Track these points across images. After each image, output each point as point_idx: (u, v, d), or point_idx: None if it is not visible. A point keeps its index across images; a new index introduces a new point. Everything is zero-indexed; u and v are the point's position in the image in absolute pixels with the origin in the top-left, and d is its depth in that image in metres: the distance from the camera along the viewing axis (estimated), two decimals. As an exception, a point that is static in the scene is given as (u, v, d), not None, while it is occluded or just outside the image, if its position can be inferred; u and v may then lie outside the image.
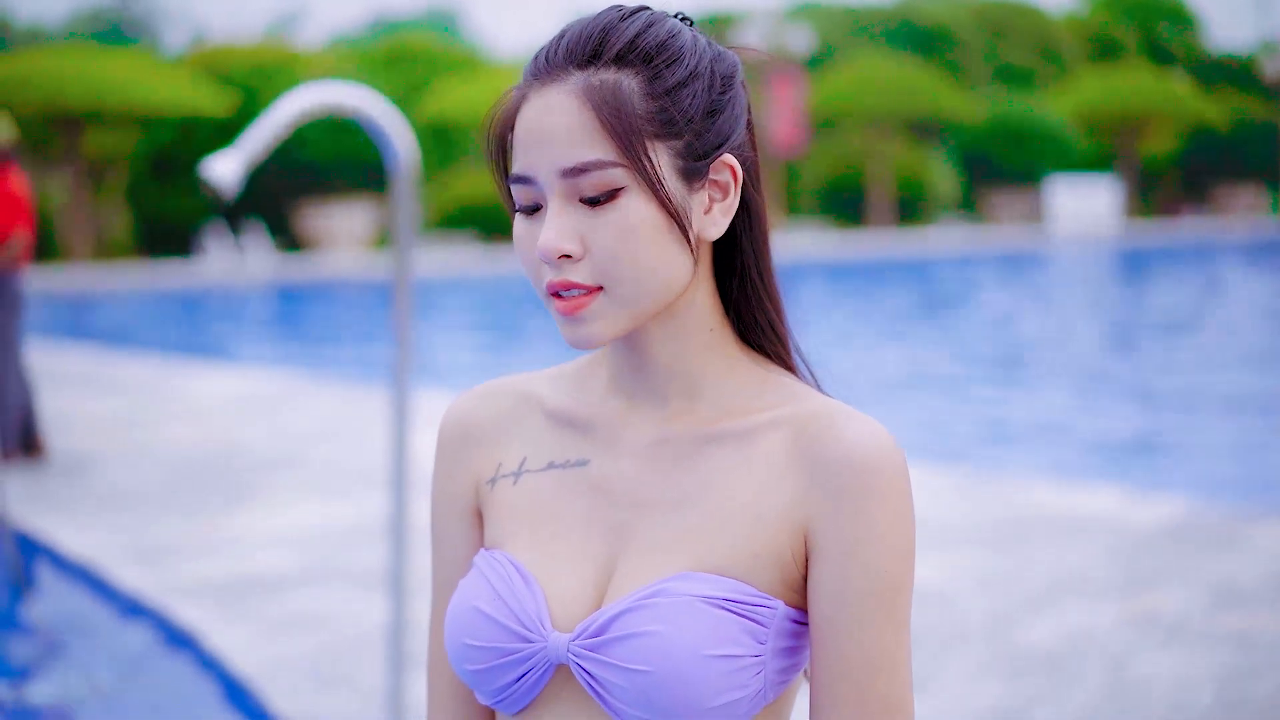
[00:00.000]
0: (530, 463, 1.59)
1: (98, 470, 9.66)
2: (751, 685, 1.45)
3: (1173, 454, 10.89)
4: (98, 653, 6.45)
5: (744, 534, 1.48)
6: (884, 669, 1.46)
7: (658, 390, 1.54)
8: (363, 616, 6.32)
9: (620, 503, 1.53)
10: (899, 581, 1.47)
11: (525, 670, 1.50)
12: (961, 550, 7.37)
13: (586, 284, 1.46)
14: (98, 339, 17.61)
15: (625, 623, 1.45)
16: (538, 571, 1.53)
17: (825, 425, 1.48)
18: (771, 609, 1.46)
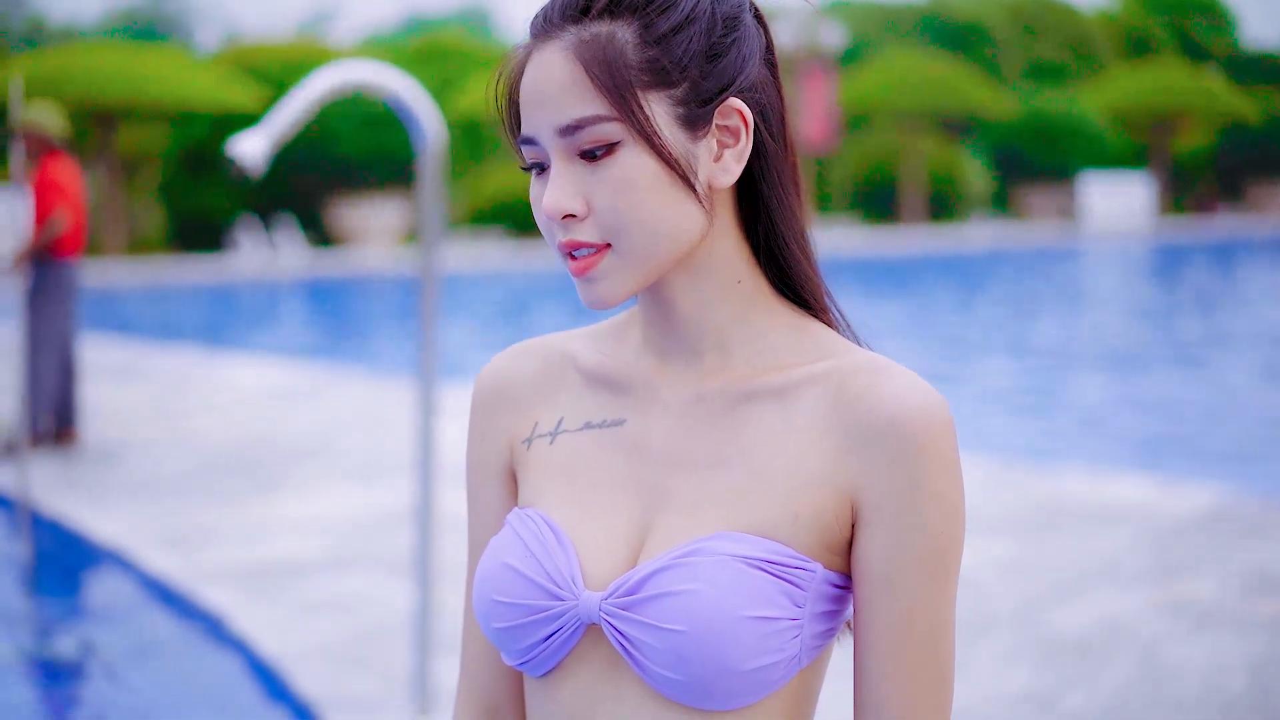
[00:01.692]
0: (567, 423, 1.56)
1: (128, 458, 9.69)
2: (788, 649, 1.42)
3: (1206, 445, 10.83)
4: (122, 635, 6.47)
5: (783, 495, 1.44)
6: (937, 635, 1.44)
7: (690, 346, 1.51)
8: (389, 602, 6.31)
9: (656, 462, 1.50)
10: (953, 542, 1.43)
11: (555, 629, 1.47)
12: (992, 538, 7.33)
13: (594, 242, 1.43)
14: (130, 332, 17.68)
15: (660, 581, 1.42)
16: (571, 530, 1.50)
17: (867, 383, 1.44)
18: (810, 572, 1.43)
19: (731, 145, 1.47)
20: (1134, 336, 18.21)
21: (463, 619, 1.65)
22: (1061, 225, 40.04)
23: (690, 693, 1.42)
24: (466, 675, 1.65)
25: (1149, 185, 41.10)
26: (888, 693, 1.44)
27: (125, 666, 6.04)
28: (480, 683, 1.64)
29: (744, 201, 1.51)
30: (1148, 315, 20.93)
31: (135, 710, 5.51)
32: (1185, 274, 28.33)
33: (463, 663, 1.65)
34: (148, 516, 7.94)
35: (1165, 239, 37.58)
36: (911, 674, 1.43)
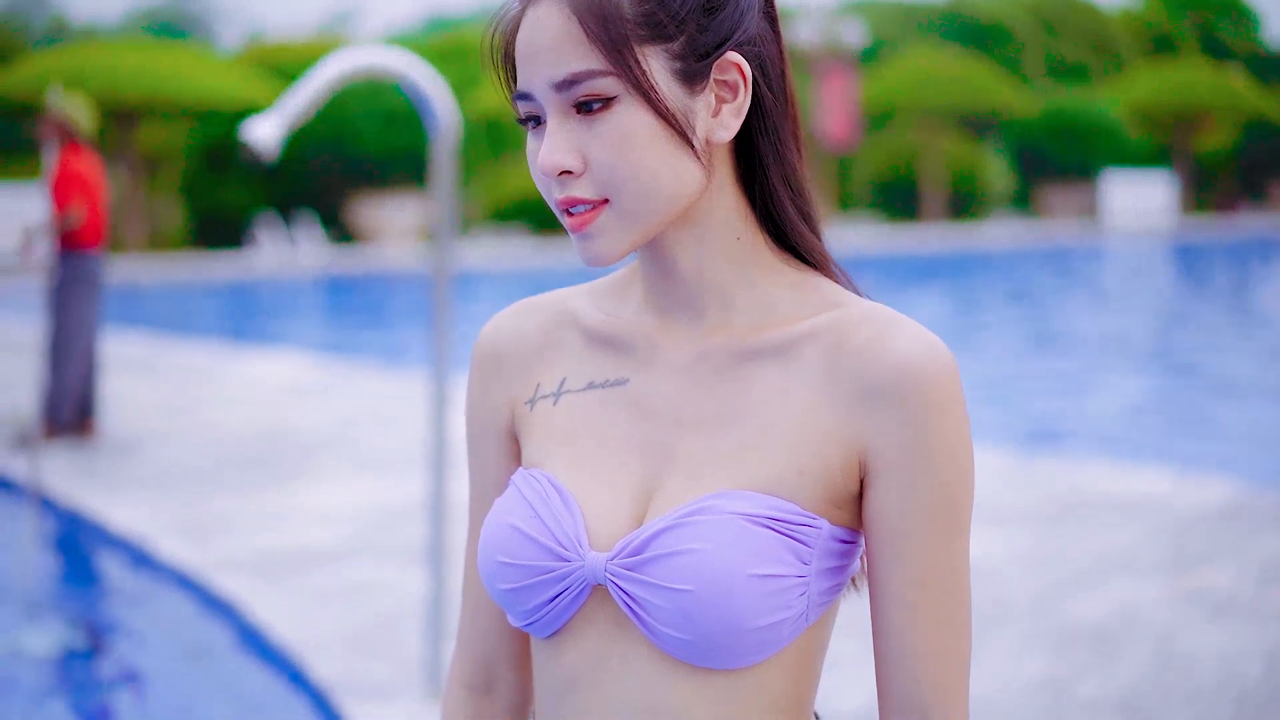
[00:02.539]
0: (570, 383, 1.54)
1: (146, 450, 9.71)
2: (795, 606, 1.41)
3: (1224, 440, 10.79)
4: (136, 622, 6.49)
5: (788, 451, 1.43)
6: (954, 585, 1.43)
7: (691, 303, 1.49)
8: (402, 590, 6.32)
9: (660, 422, 1.48)
10: (965, 492, 1.42)
11: (560, 590, 1.46)
12: (1009, 529, 7.31)
13: (591, 198, 1.42)
14: (150, 327, 17.73)
15: (666, 541, 1.41)
16: (576, 491, 1.48)
17: (871, 335, 1.43)
18: (816, 528, 1.41)
19: (730, 100, 1.45)
20: (1153, 333, 18.16)
21: (462, 580, 1.65)
22: (1083, 224, 39.93)
23: (697, 651, 1.41)
24: (463, 634, 1.65)
25: (1171, 184, 40.95)
26: (911, 643, 1.43)
27: (139, 653, 6.06)
28: (476, 642, 1.64)
29: (742, 157, 1.49)
30: (1167, 312, 20.86)
31: (148, 695, 5.52)
32: (1206, 272, 28.24)
33: (460, 622, 1.65)
34: (164, 506, 7.96)
35: (1187, 238, 37.45)
36: (933, 624, 1.42)
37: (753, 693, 1.44)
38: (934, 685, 1.42)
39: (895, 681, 1.44)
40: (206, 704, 5.35)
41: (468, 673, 1.65)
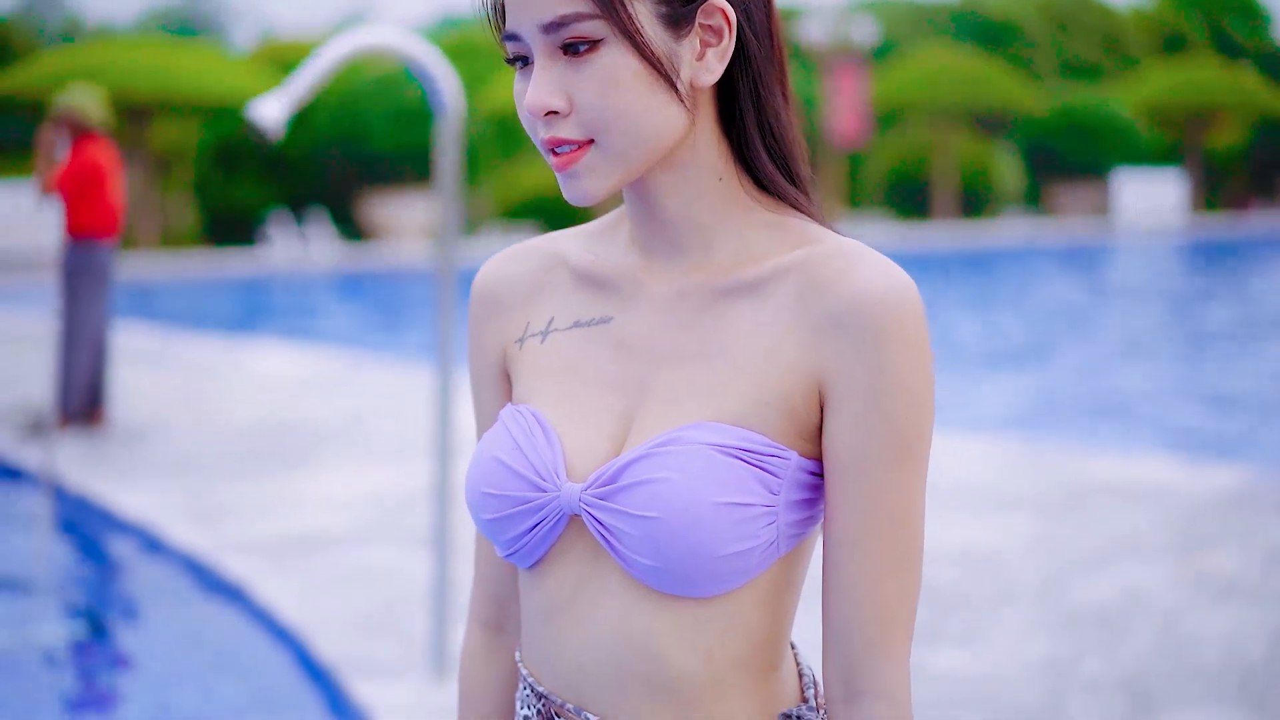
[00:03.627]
0: (557, 322, 1.58)
1: (158, 439, 9.74)
2: (763, 535, 1.43)
3: (1232, 431, 10.79)
4: (145, 605, 6.52)
5: (755, 384, 1.45)
6: (902, 519, 1.44)
7: (673, 243, 1.52)
8: (409, 573, 6.34)
9: (640, 358, 1.52)
10: (919, 427, 1.43)
11: (538, 520, 1.50)
12: (1017, 515, 7.33)
13: (576, 138, 1.44)
14: (162, 321, 17.78)
15: (636, 470, 1.44)
16: (558, 425, 1.52)
17: (836, 268, 1.45)
18: (784, 459, 1.44)
19: (714, 44, 1.47)
20: (1161, 327, 18.15)
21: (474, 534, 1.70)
22: (1094, 222, 39.89)
23: (667, 579, 1.44)
24: (477, 575, 1.70)
25: (1182, 182, 40.89)
26: (853, 575, 1.44)
27: (148, 634, 6.09)
28: (489, 582, 1.69)
29: (726, 101, 1.52)
30: (1177, 308, 20.84)
31: (158, 675, 5.55)
32: (1216, 269, 28.20)
33: (475, 563, 1.70)
34: (174, 493, 7.99)
35: (1198, 235, 37.40)
36: (877, 558, 1.43)
37: (726, 621, 1.46)
38: (873, 619, 1.44)
39: (835, 612, 1.46)
40: (215, 683, 5.38)
41: (482, 610, 1.71)
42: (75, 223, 9.71)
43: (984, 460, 8.86)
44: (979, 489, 7.99)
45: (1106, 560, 6.49)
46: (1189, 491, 7.80)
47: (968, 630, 5.58)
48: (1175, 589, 6.05)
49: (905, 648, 1.45)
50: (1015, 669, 5.14)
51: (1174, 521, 7.16)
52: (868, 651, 1.44)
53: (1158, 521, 7.16)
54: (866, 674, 1.44)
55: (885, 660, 1.44)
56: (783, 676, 1.53)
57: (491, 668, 1.70)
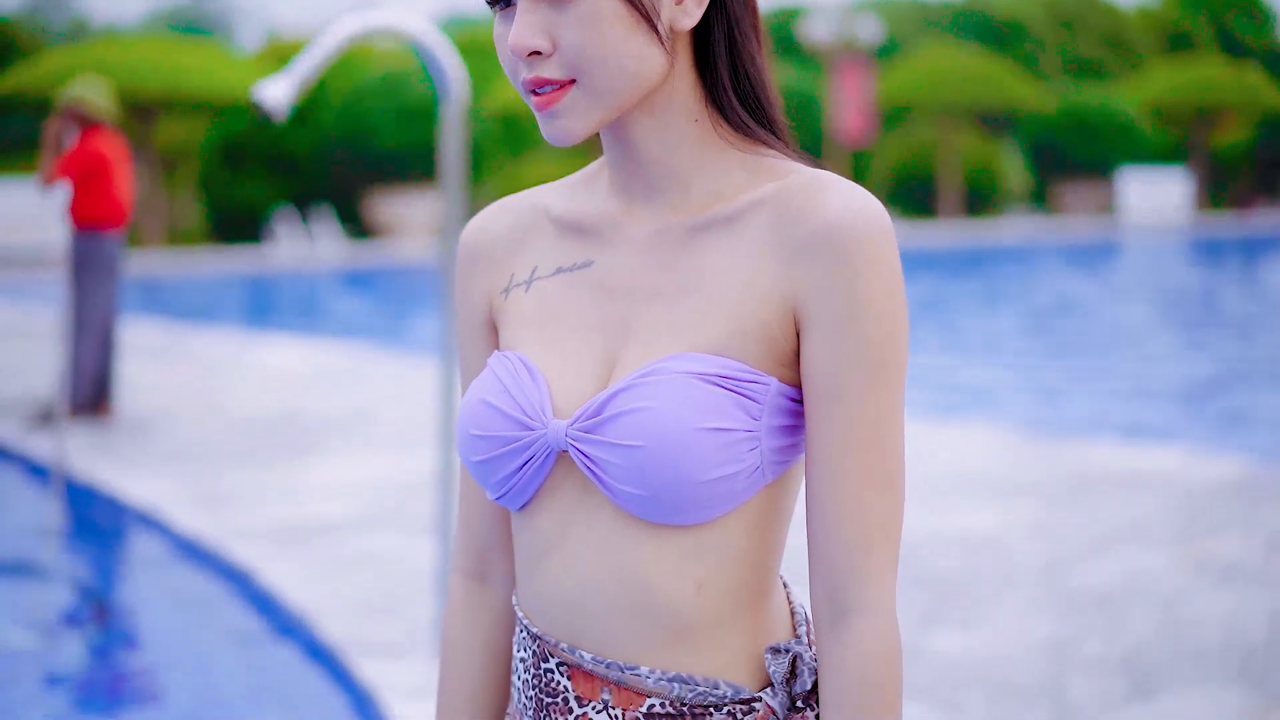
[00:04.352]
0: (540, 270, 1.61)
1: (164, 429, 9.78)
2: (746, 460, 1.46)
3: (1234, 423, 10.81)
4: (152, 588, 6.56)
5: (732, 314, 1.48)
6: (880, 439, 1.46)
7: (651, 186, 1.56)
8: (413, 559, 6.37)
9: (621, 298, 1.55)
10: (892, 350, 1.46)
11: (527, 459, 1.52)
12: (1021, 502, 7.35)
13: (558, 78, 1.47)
14: (169, 317, 17.82)
15: (619, 402, 1.47)
16: (544, 366, 1.55)
17: (806, 196, 1.48)
18: (764, 385, 1.47)
19: None
20: (1166, 322, 18.16)
21: (459, 480, 1.72)
22: (1099, 220, 39.87)
23: (655, 507, 1.46)
24: (460, 526, 1.72)
25: (1187, 180, 40.87)
26: (834, 496, 1.46)
27: (154, 617, 6.12)
28: (471, 534, 1.71)
29: (702, 44, 1.55)
30: (1180, 304, 20.84)
31: (164, 655, 5.59)
32: (1221, 267, 28.20)
33: (459, 515, 1.73)
34: (180, 480, 8.02)
35: (1203, 234, 37.38)
36: (857, 477, 1.46)
37: (715, 550, 1.48)
38: (856, 539, 1.46)
39: (819, 534, 1.48)
40: (221, 664, 5.42)
41: (465, 561, 1.73)
42: (81, 213, 9.73)
43: (987, 449, 8.89)
44: (982, 477, 8.02)
45: (1108, 546, 6.51)
46: (1191, 480, 7.82)
47: (970, 613, 5.60)
48: (1177, 573, 6.07)
49: (890, 567, 1.47)
50: (1017, 650, 5.17)
51: (1176, 509, 7.18)
52: (852, 571, 1.46)
53: (1160, 509, 7.18)
54: (851, 592, 1.46)
55: (870, 578, 1.46)
56: (774, 612, 1.55)
57: (474, 618, 1.72)
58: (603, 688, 1.52)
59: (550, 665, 1.55)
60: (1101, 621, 5.47)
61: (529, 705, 1.58)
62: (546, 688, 1.55)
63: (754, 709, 1.51)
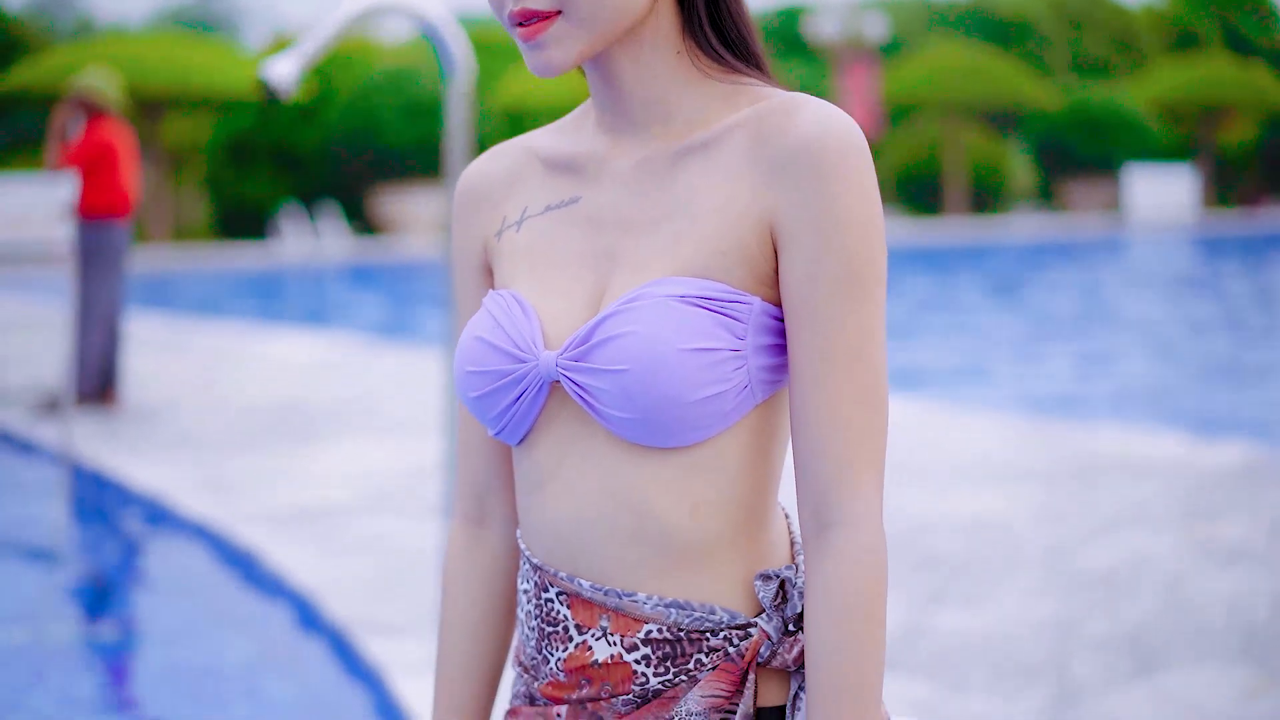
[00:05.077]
0: (530, 210, 1.64)
1: (170, 418, 9.80)
2: (733, 380, 1.47)
3: (1240, 411, 10.82)
4: (159, 571, 6.58)
5: (712, 236, 1.50)
6: (860, 353, 1.47)
7: (634, 119, 1.58)
8: (417, 542, 6.38)
9: (608, 231, 1.57)
10: (869, 260, 1.48)
11: (521, 391, 1.55)
12: (1026, 486, 7.36)
13: (544, 9, 1.50)
14: (176, 311, 17.84)
15: (605, 329, 1.49)
16: (535, 301, 1.58)
17: (781, 116, 1.50)
18: (747, 304, 1.49)
19: None
20: (1169, 316, 18.16)
21: (459, 428, 1.74)
22: (1105, 217, 39.85)
23: (645, 430, 1.48)
24: (460, 472, 1.75)
25: (1193, 178, 40.85)
26: (817, 411, 1.48)
27: (160, 597, 6.14)
28: (471, 479, 1.74)
29: None
30: (1185, 299, 20.83)
31: (171, 634, 5.60)
32: (1225, 264, 28.19)
33: (458, 462, 1.75)
34: (186, 467, 8.05)
35: (1209, 231, 37.35)
36: (839, 392, 1.47)
37: (709, 472, 1.50)
38: (839, 453, 1.47)
39: (803, 450, 1.49)
40: (228, 643, 5.43)
41: (465, 506, 1.75)
42: (88, 203, 9.75)
43: (993, 436, 8.90)
44: (988, 462, 8.03)
45: (1113, 529, 6.52)
46: (1196, 465, 7.83)
47: (974, 593, 5.61)
48: (1181, 555, 6.08)
49: (875, 481, 1.48)
50: (1021, 629, 5.18)
51: (1181, 493, 7.19)
52: (836, 485, 1.47)
53: (1165, 493, 7.19)
54: (835, 506, 1.47)
55: (854, 492, 1.47)
56: (772, 538, 1.57)
57: (472, 560, 1.74)
58: (601, 615, 1.54)
59: (550, 595, 1.57)
60: (1105, 602, 5.48)
61: (531, 636, 1.60)
62: (547, 617, 1.57)
63: (749, 634, 1.53)
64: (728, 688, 1.51)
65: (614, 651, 1.53)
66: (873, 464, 1.48)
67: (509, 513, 1.73)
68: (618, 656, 1.53)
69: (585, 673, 1.55)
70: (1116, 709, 4.44)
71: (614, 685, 1.53)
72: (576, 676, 1.55)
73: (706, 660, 1.52)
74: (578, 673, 1.55)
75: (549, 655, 1.57)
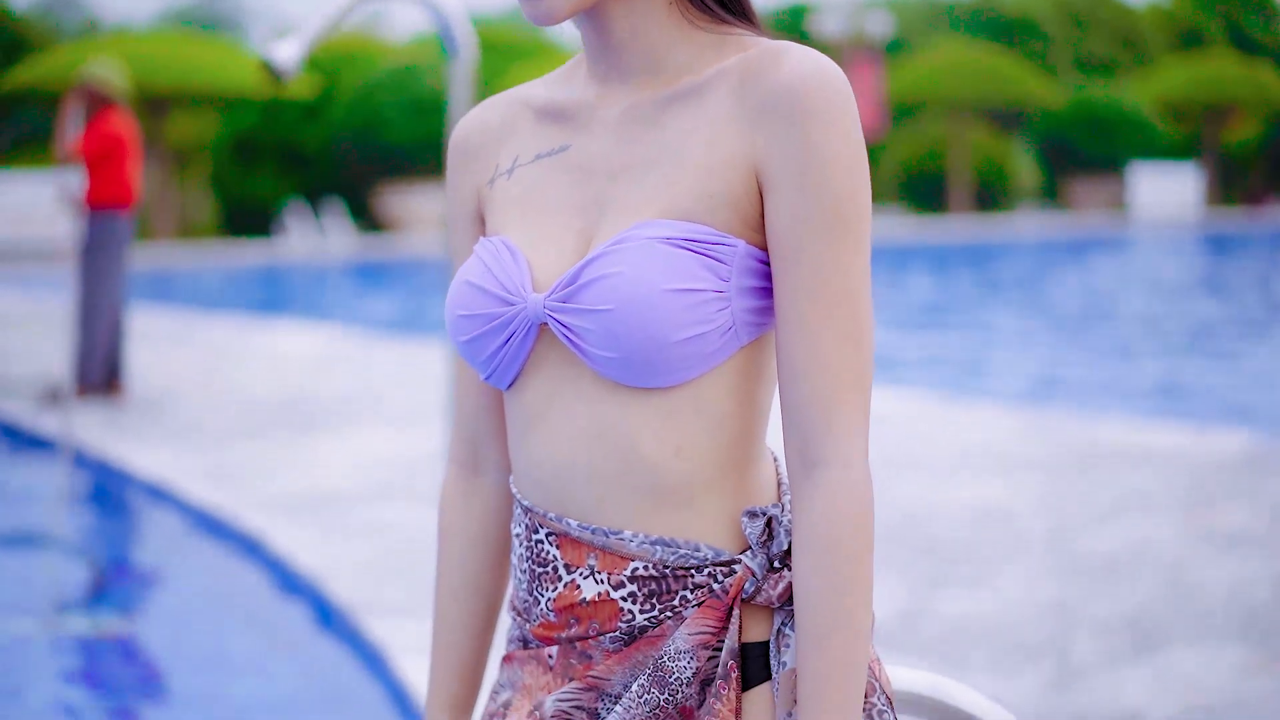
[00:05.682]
0: (521, 158, 1.66)
1: (174, 408, 9.83)
2: (717, 320, 1.50)
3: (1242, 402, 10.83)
4: (163, 555, 6.60)
5: (698, 179, 1.53)
6: (845, 293, 1.49)
7: (625, 68, 1.60)
8: (420, 526, 6.40)
9: (598, 178, 1.59)
10: (853, 206, 1.50)
11: (509, 334, 1.57)
12: (1028, 474, 7.38)
13: None
14: (182, 306, 17.87)
15: (591, 270, 1.51)
16: (524, 247, 1.60)
17: (766, 61, 1.53)
18: (731, 247, 1.51)
19: None
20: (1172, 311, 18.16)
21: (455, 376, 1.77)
22: (1110, 216, 39.84)
23: (630, 370, 1.50)
24: (456, 420, 1.78)
25: (1198, 176, 40.81)
26: (803, 351, 1.50)
27: (164, 582, 6.17)
28: (466, 425, 1.77)
29: None
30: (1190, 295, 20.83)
31: (176, 615, 5.63)
32: (1230, 262, 28.19)
33: (455, 410, 1.78)
34: (191, 455, 8.07)
35: (1214, 230, 37.33)
36: (824, 332, 1.49)
37: (695, 413, 1.53)
38: (825, 393, 1.49)
39: (789, 391, 1.51)
40: (232, 626, 5.46)
41: (460, 453, 1.78)
42: (94, 195, 9.78)
43: (996, 426, 8.91)
44: (990, 452, 8.04)
45: (1115, 515, 6.53)
46: (1198, 454, 7.84)
47: (975, 577, 5.63)
48: (1182, 541, 6.09)
49: (861, 420, 1.50)
50: (1021, 611, 5.20)
51: (1183, 481, 7.20)
52: (822, 424, 1.49)
53: (1167, 481, 7.20)
54: (822, 446, 1.49)
55: (840, 432, 1.49)
56: (759, 480, 1.59)
57: (467, 505, 1.77)
58: (589, 554, 1.56)
59: (540, 536, 1.59)
60: (1106, 585, 5.49)
61: (523, 579, 1.62)
62: (537, 558, 1.59)
63: (734, 571, 1.54)
64: (714, 624, 1.53)
65: (601, 590, 1.55)
66: (858, 403, 1.50)
67: (502, 460, 1.75)
68: (604, 594, 1.55)
69: (574, 611, 1.57)
70: (1116, 687, 4.46)
71: (601, 623, 1.55)
72: (565, 616, 1.57)
73: (691, 597, 1.54)
74: (566, 612, 1.57)
75: (539, 596, 1.59)
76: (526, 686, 1.63)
